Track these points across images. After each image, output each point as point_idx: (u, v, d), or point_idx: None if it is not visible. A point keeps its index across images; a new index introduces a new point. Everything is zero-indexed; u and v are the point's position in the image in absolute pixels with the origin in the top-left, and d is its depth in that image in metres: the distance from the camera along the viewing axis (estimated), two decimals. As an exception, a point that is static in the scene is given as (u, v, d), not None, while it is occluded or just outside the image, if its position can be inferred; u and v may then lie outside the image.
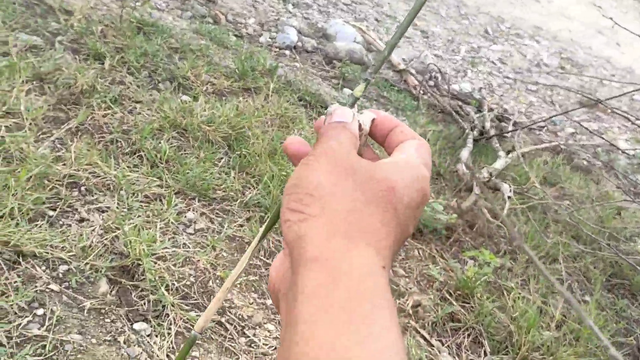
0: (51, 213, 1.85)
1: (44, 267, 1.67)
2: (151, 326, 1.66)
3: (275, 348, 1.77)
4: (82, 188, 2.00)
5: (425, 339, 2.06)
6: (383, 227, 0.44)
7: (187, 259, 1.91)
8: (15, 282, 1.59)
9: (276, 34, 4.31)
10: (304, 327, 0.38)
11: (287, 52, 4.14)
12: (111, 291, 1.71)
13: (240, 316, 1.83)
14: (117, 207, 1.97)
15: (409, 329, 2.06)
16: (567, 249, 2.81)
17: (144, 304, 1.72)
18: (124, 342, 1.59)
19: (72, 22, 2.97)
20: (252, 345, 1.77)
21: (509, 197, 2.48)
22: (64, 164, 2.02)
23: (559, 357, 2.06)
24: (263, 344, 1.78)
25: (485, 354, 2.08)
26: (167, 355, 1.60)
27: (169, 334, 1.65)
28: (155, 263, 1.82)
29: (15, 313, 1.51)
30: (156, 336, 1.65)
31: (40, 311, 1.55)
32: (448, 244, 2.64)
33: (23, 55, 2.49)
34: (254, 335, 1.80)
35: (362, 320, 0.38)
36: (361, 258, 0.41)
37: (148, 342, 1.62)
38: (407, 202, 0.46)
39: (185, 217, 2.10)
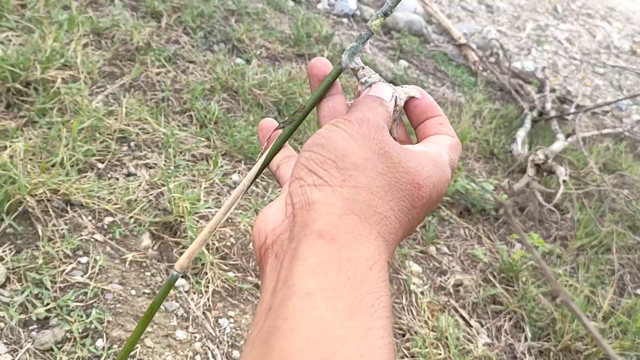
0: (100, 165, 1.88)
1: (90, 217, 1.71)
2: (189, 283, 1.68)
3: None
4: (132, 143, 2.02)
5: (464, 319, 2.02)
6: (396, 221, 0.42)
7: (229, 220, 1.91)
8: (62, 229, 1.63)
9: (335, 2, 4.24)
10: (299, 304, 0.35)
11: (345, 20, 4.07)
12: (153, 246, 1.74)
13: (277, 280, 1.82)
14: (164, 164, 1.99)
15: (448, 308, 2.02)
16: (622, 239, 2.69)
17: (184, 260, 1.73)
18: (162, 296, 1.61)
19: (132, -21, 3.00)
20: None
21: (563, 181, 2.37)
22: (116, 119, 2.05)
23: (602, 349, 1.98)
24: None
25: (526, 339, 2.02)
26: (204, 313, 1.62)
27: (206, 291, 1.67)
28: (198, 222, 1.83)
29: (61, 259, 1.56)
30: (194, 293, 1.67)
31: (84, 259, 1.59)
32: (496, 225, 2.57)
33: (83, 9, 2.53)
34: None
35: (363, 313, 0.35)
36: (370, 247, 0.39)
37: (185, 298, 1.64)
38: (425, 201, 0.44)
39: (230, 178, 2.10)
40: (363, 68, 0.52)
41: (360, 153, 0.42)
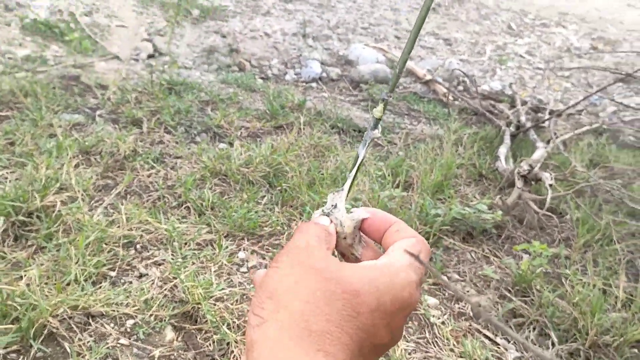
0: (112, 273, 1.97)
1: (112, 324, 1.78)
2: (219, 365, 1.74)
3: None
4: (137, 246, 2.12)
5: (489, 338, 2.06)
6: (340, 330, 0.43)
7: (244, 296, 1.98)
8: (88, 341, 1.70)
9: (300, 70, 4.44)
10: None
11: (314, 84, 4.25)
12: (177, 337, 1.80)
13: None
14: (172, 258, 2.08)
15: (471, 331, 2.06)
16: (625, 227, 2.75)
17: (209, 344, 1.80)
18: (196, 383, 1.67)
19: (108, 95, 3.17)
20: None
21: (550, 185, 2.46)
22: (118, 226, 2.15)
23: (630, 337, 2.02)
24: None
25: (553, 345, 2.05)
26: (238, 390, 1.67)
27: (236, 369, 1.72)
28: (214, 304, 1.90)
29: (92, 370, 1.62)
30: (225, 373, 1.72)
31: (114, 365, 1.65)
32: (500, 242, 2.63)
33: (68, 133, 2.68)
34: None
35: None
36: None
37: (218, 380, 1.69)
38: (374, 306, 0.45)
39: (237, 257, 2.19)
40: (335, 207, 0.56)
41: (293, 278, 0.44)
